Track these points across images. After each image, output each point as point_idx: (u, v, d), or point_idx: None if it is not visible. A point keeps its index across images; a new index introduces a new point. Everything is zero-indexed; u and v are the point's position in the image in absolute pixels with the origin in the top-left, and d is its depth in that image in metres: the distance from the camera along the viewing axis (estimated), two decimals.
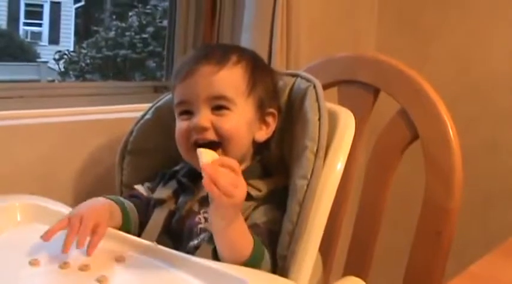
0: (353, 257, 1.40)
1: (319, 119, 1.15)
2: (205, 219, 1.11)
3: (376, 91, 1.40)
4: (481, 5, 2.09)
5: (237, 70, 1.17)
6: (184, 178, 1.20)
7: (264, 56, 1.58)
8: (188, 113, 1.17)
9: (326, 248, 1.16)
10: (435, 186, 1.27)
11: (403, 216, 1.55)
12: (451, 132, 1.27)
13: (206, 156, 0.97)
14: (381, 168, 1.37)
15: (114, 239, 1.04)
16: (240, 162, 1.19)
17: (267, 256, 1.04)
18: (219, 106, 1.14)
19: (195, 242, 1.10)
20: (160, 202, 1.19)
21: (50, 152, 1.41)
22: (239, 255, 1.00)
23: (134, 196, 1.24)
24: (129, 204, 1.19)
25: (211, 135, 1.13)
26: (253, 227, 1.08)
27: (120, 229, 1.12)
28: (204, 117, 1.14)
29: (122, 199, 1.20)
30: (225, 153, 1.14)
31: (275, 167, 1.23)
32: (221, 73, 1.15)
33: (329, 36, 2.06)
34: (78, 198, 1.40)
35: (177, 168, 1.25)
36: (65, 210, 1.12)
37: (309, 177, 1.10)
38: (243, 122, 1.16)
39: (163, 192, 1.21)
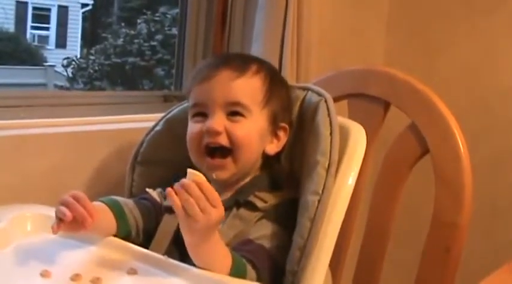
0: (361, 272, 1.40)
1: (330, 134, 1.16)
2: None
3: (387, 105, 1.40)
4: (489, 18, 2.09)
5: (255, 80, 1.18)
6: None
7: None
8: (202, 115, 1.17)
9: (335, 263, 1.16)
10: (445, 202, 1.27)
11: (411, 231, 1.55)
12: (462, 147, 1.27)
13: (192, 177, 0.95)
14: (390, 182, 1.37)
15: (125, 251, 1.05)
16: (248, 173, 1.20)
17: (251, 274, 1.04)
18: (234, 112, 1.15)
19: None
20: (171, 210, 1.19)
21: (59, 162, 1.42)
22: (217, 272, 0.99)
23: (146, 199, 1.24)
24: (128, 206, 1.18)
25: (223, 140, 1.14)
26: (245, 244, 1.09)
27: (117, 228, 1.12)
28: (218, 120, 1.14)
29: (119, 201, 1.18)
30: (235, 160, 1.15)
31: (284, 180, 1.24)
32: (240, 81, 1.16)
33: (339, 48, 2.07)
34: None
35: None
36: None
37: (320, 192, 1.11)
38: (255, 131, 1.17)
39: None
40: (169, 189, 0.94)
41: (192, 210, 0.92)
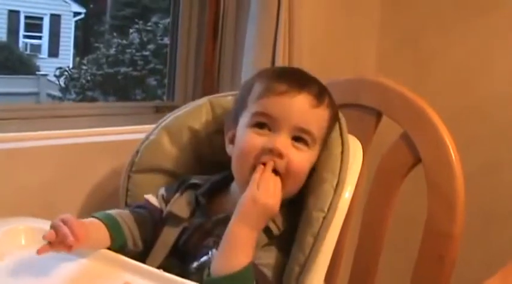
0: (355, 282, 1.40)
1: (341, 153, 1.16)
2: (216, 243, 1.09)
3: (379, 115, 1.40)
4: (481, 25, 2.09)
5: (326, 114, 1.16)
6: (203, 198, 1.18)
7: None
8: (264, 127, 1.12)
9: (329, 274, 1.15)
10: (437, 211, 1.28)
11: (405, 240, 1.55)
12: (454, 156, 1.27)
13: None
14: (383, 191, 1.38)
15: (120, 265, 1.05)
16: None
17: None
18: (300, 138, 1.12)
19: (195, 264, 1.11)
20: (172, 216, 1.17)
21: (52, 175, 1.41)
22: (229, 263, 1.02)
23: (141, 207, 1.23)
24: (123, 218, 1.17)
25: (281, 166, 1.10)
26: None
27: (111, 240, 1.12)
28: (286, 142, 1.11)
29: (112, 214, 1.17)
30: (283, 186, 1.11)
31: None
32: (317, 111, 1.13)
33: (330, 57, 2.06)
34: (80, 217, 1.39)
35: (197, 181, 1.22)
36: None
37: (326, 210, 1.10)
38: (309, 164, 1.15)
39: (180, 207, 1.18)
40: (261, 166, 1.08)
41: (264, 185, 1.06)
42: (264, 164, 1.09)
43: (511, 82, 2.06)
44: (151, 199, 1.24)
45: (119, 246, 1.13)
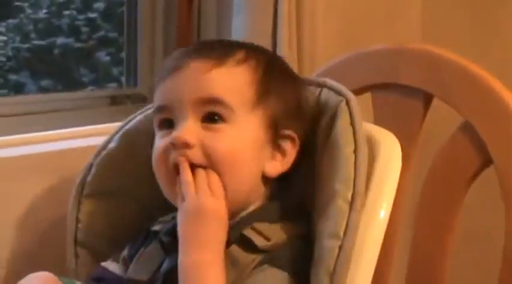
0: None
1: (354, 152, 1.15)
2: None
3: (428, 99, 1.39)
4: None
5: (241, 70, 1.17)
6: (167, 236, 1.19)
7: None
8: (170, 125, 1.15)
9: None
10: None
11: (473, 277, 1.55)
12: None
13: None
14: (438, 207, 1.37)
15: None
16: (246, 206, 1.18)
17: None
18: (211, 115, 1.13)
19: None
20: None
21: None
22: None
23: (99, 280, 1.24)
24: None
25: (197, 156, 1.12)
26: None
27: None
28: (188, 128, 1.12)
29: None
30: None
31: (295, 209, 1.22)
32: (217, 71, 1.15)
33: (357, 19, 2.07)
34: (11, 264, 1.41)
35: (158, 227, 1.24)
36: None
37: (341, 235, 1.09)
38: (244, 143, 1.14)
39: (139, 266, 1.20)
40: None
41: (185, 188, 1.09)
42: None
43: None
44: (111, 266, 1.26)
45: None
